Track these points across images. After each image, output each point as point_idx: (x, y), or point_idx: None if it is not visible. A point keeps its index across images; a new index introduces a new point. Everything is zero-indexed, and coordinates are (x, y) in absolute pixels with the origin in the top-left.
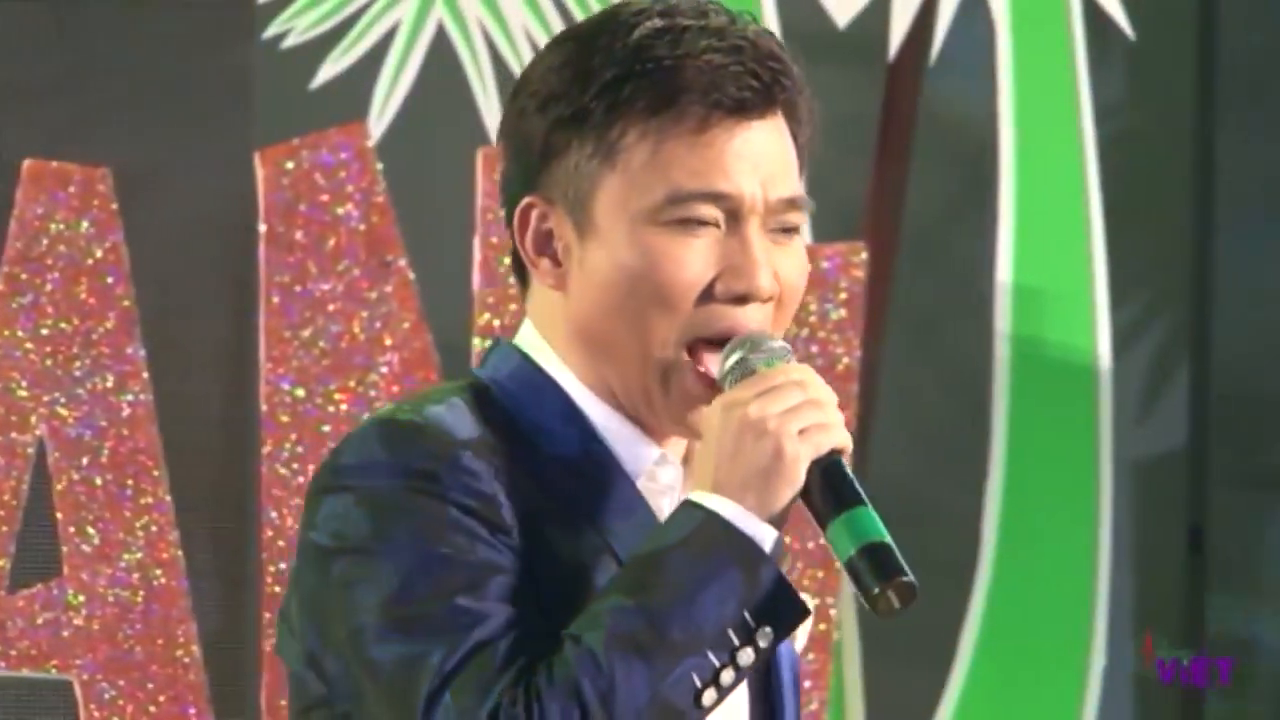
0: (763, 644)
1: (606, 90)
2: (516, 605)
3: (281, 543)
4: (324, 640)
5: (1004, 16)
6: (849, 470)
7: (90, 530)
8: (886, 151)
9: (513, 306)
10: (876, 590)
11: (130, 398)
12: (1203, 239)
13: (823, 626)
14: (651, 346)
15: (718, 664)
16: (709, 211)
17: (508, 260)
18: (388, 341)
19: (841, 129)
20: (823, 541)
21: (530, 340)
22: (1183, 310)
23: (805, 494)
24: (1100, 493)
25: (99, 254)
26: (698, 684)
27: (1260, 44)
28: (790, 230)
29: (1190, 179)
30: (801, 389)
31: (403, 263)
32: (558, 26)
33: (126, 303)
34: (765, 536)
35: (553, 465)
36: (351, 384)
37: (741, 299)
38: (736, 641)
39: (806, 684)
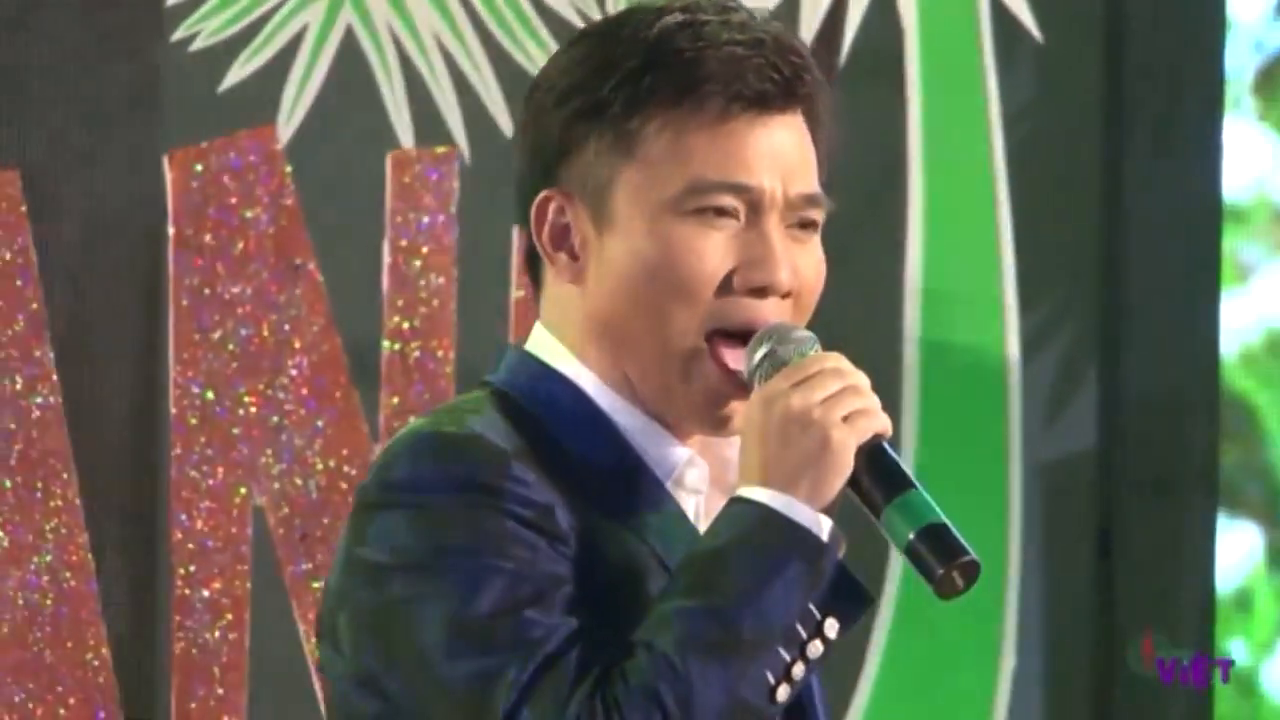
0: (831, 635)
1: (626, 81)
2: (581, 615)
3: (191, 545)
4: (386, 659)
5: (912, 20)
6: (894, 454)
7: None
8: None
9: (423, 309)
10: (941, 572)
11: (40, 400)
12: (1111, 242)
13: None
14: (671, 337)
15: (789, 659)
16: (729, 202)
17: (418, 263)
18: (297, 344)
19: None
20: None
21: (544, 343)
22: (1092, 313)
23: (854, 481)
24: (1010, 495)
25: (7, 256)
26: (771, 680)
27: (1168, 46)
28: (808, 226)
29: (1099, 182)
30: (839, 376)
31: (312, 266)
32: (466, 30)
33: (35, 305)
34: (822, 526)
35: (584, 471)
36: (261, 387)
37: (760, 292)
38: (805, 635)
39: None
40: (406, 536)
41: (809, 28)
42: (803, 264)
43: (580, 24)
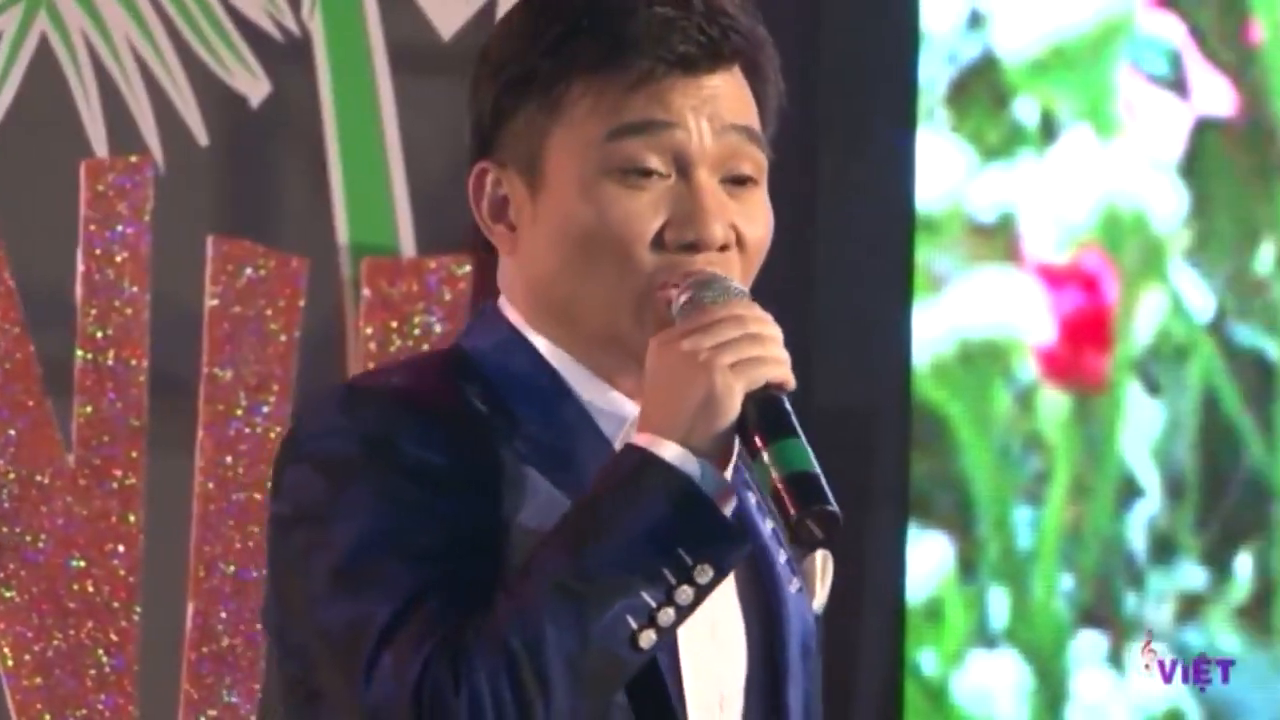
0: (702, 580)
1: (552, 48)
2: (469, 566)
3: None
4: (286, 611)
5: None
6: (784, 403)
7: None
8: None
9: (116, 318)
10: (796, 516)
11: None
12: (803, 251)
13: None
14: (613, 293)
15: (654, 604)
16: (653, 157)
17: (112, 272)
18: None
19: (447, 142)
20: None
21: (506, 310)
22: (782, 323)
23: (741, 428)
24: None
25: None
26: (633, 625)
27: (860, 56)
28: (744, 180)
29: (790, 192)
30: (739, 324)
31: (5, 274)
32: (161, 36)
33: None
34: (697, 471)
35: (528, 428)
36: None
37: (692, 247)
38: (673, 580)
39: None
40: (307, 489)
41: None
42: (742, 217)
43: (274, 30)
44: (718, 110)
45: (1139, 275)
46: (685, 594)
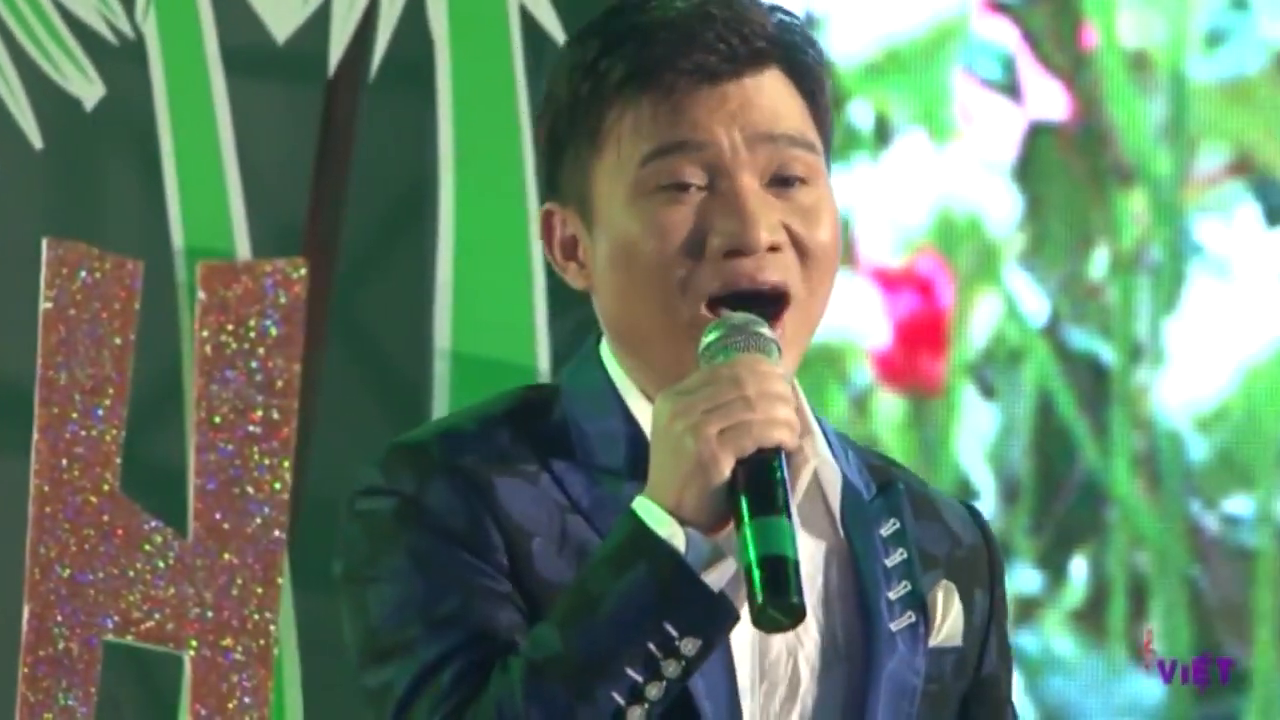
0: (689, 653)
1: (589, 73)
2: (490, 629)
3: None
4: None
5: (443, 30)
6: (777, 473)
7: None
8: (326, 166)
9: None
10: (761, 603)
11: None
12: None
13: (261, 642)
14: (668, 314)
15: (640, 679)
16: (689, 170)
17: None
18: None
19: (281, 144)
20: None
21: (602, 347)
22: None
23: (731, 493)
24: None
25: None
26: (619, 701)
27: None
28: (791, 180)
29: None
30: (736, 385)
31: None
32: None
33: None
34: (683, 545)
35: (597, 475)
36: None
37: (737, 252)
38: (659, 654)
39: (247, 700)
40: (352, 550)
41: (340, 37)
42: (796, 217)
43: (108, 33)
44: (749, 119)
45: (974, 279)
46: (672, 668)
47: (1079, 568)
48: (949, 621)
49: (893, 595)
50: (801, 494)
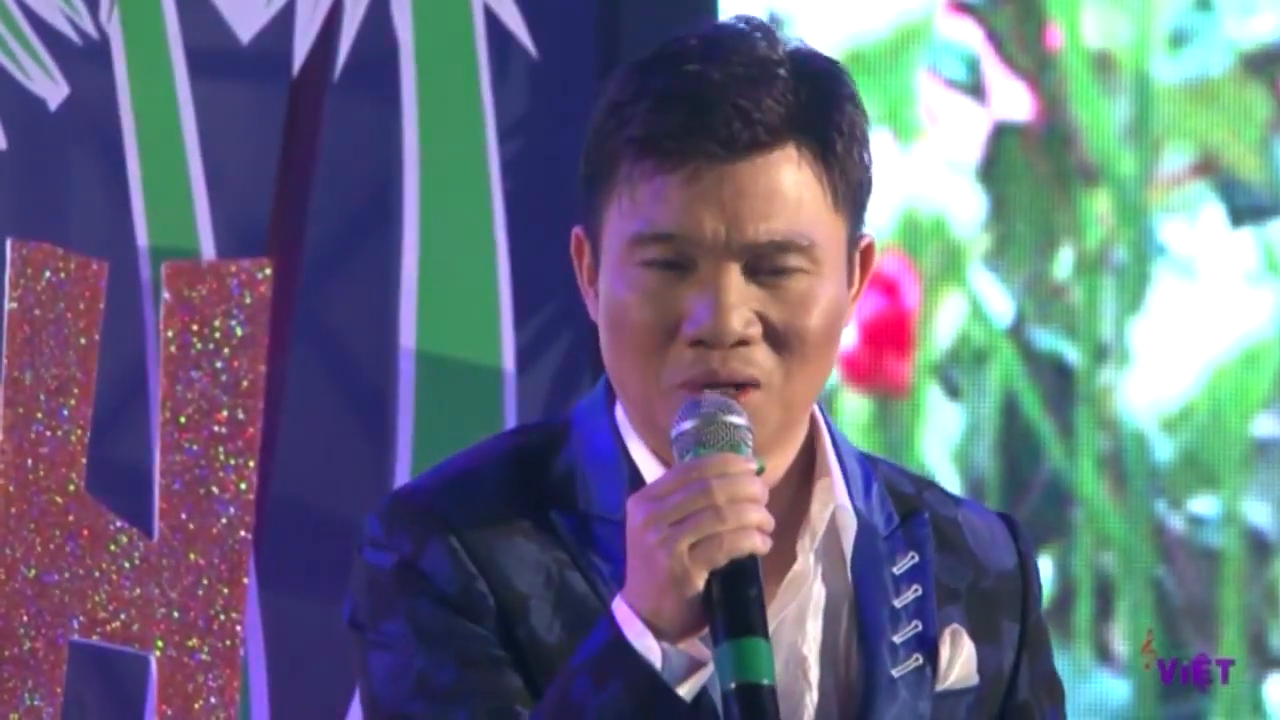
0: None
1: (611, 116)
2: (492, 697)
3: None
4: None
5: (408, 33)
6: (752, 589)
7: None
8: (291, 167)
9: None
10: None
11: None
12: None
13: (228, 642)
14: (648, 385)
15: None
16: (675, 252)
17: None
18: None
19: (246, 145)
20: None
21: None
22: (585, 325)
23: (707, 603)
24: None
25: None
26: None
27: None
28: (782, 272)
29: None
30: (704, 494)
31: None
32: None
33: None
34: (658, 660)
35: (596, 524)
36: None
37: (701, 343)
38: None
39: (213, 700)
40: (357, 600)
41: (305, 38)
42: (776, 309)
43: (72, 33)
44: (739, 209)
45: (939, 279)
46: None
47: (1044, 568)
48: (958, 666)
49: (898, 638)
50: (819, 538)
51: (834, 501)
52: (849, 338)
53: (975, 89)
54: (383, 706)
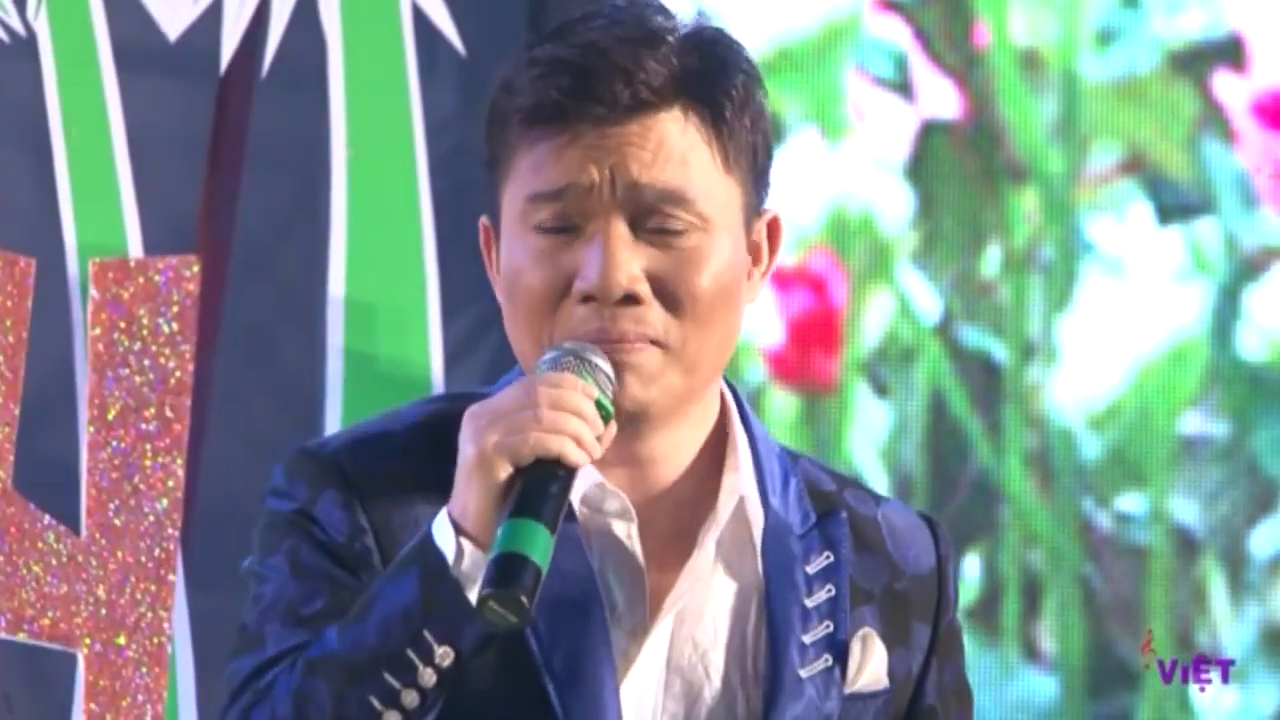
0: (444, 665)
1: (502, 94)
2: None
3: None
4: None
5: (335, 30)
6: (553, 486)
7: None
8: (218, 164)
9: None
10: (484, 594)
11: None
12: None
13: (156, 639)
14: (539, 347)
15: (397, 686)
16: (564, 214)
17: None
18: None
19: (174, 142)
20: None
21: None
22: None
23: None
24: None
25: None
26: (377, 706)
27: None
28: (670, 230)
29: None
30: (528, 397)
31: None
32: None
33: None
34: (452, 552)
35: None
36: None
37: (587, 299)
38: (418, 662)
39: (141, 697)
40: (256, 546)
41: (231, 38)
42: (664, 266)
43: (2, 34)
44: (626, 167)
45: (867, 277)
46: (428, 677)
47: (972, 566)
48: (868, 669)
49: (808, 638)
50: (723, 527)
51: (739, 492)
52: (777, 335)
53: (903, 87)
54: (248, 628)
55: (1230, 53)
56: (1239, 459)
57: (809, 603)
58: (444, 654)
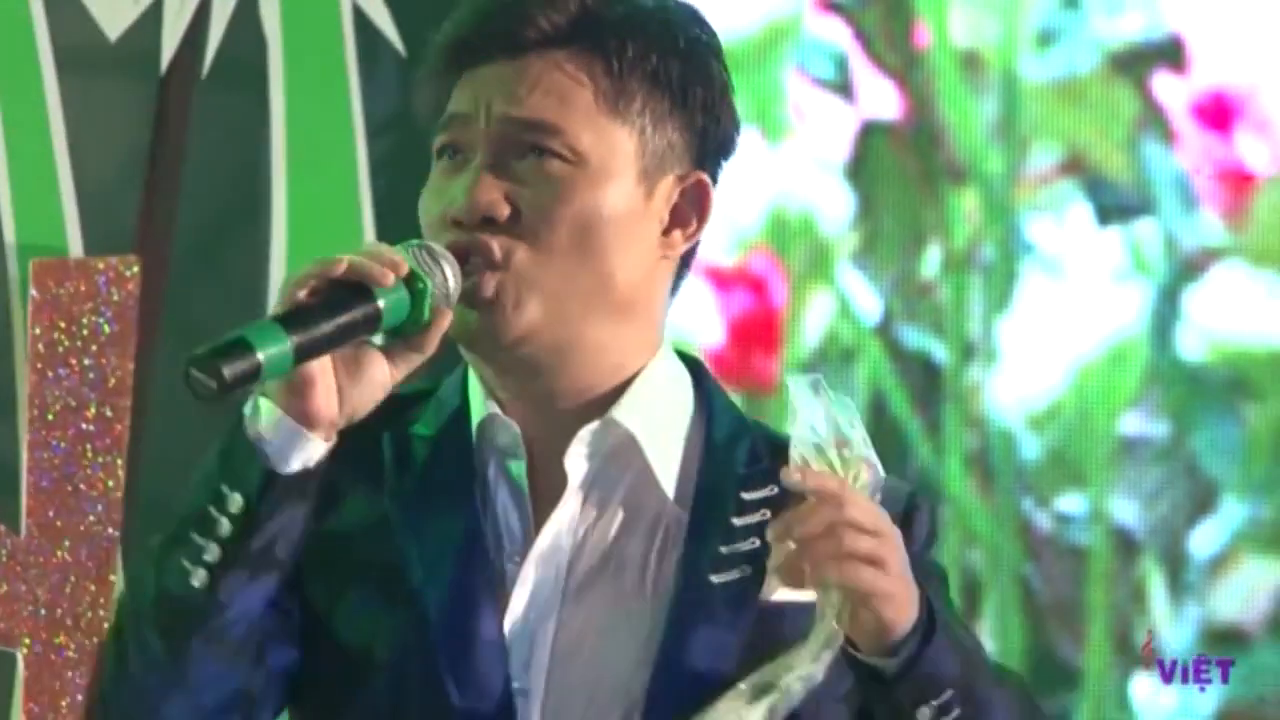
0: (233, 510)
1: (430, 51)
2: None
3: None
4: None
5: (276, 30)
6: (331, 309)
7: None
8: (159, 164)
9: None
10: (194, 354)
11: None
12: None
13: (95, 639)
14: None
15: (201, 542)
16: (455, 142)
17: None
18: None
19: (114, 142)
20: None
21: None
22: None
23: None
24: None
25: None
26: (187, 565)
27: None
28: (537, 162)
29: None
30: (329, 258)
31: None
32: None
33: None
34: (250, 406)
35: (410, 440)
36: None
37: (456, 222)
38: (216, 515)
39: (80, 697)
40: None
41: (173, 35)
42: (527, 193)
43: None
44: (499, 99)
45: (806, 277)
46: (224, 528)
47: None
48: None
49: (726, 549)
50: (606, 455)
51: (632, 428)
52: (717, 335)
53: (843, 88)
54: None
55: (1170, 54)
56: (1178, 459)
57: (737, 521)
58: (235, 500)
